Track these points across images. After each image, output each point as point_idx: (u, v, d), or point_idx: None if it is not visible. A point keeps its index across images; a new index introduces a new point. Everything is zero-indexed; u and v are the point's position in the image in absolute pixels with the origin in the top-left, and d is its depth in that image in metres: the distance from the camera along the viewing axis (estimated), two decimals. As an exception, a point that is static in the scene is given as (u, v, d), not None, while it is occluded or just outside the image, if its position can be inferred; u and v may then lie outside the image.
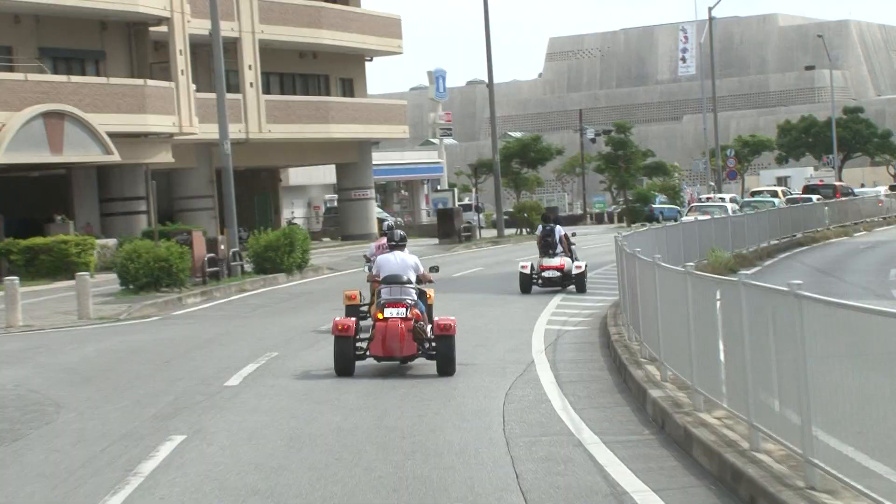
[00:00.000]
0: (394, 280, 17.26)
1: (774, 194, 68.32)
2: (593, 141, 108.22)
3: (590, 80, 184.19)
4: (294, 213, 76.36)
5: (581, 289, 29.72)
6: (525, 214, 63.18)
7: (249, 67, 56.19)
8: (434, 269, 19.15)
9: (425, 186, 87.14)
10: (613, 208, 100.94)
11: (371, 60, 67.17)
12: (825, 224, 52.90)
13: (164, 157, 48.84)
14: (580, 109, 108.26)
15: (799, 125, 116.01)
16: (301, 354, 20.19)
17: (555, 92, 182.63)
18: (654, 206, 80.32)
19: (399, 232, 18.25)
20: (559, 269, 29.78)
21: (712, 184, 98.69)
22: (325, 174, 74.51)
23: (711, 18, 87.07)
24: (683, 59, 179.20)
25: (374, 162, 70.01)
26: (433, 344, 16.88)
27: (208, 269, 35.86)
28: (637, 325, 18.11)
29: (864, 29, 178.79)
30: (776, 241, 44.99)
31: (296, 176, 75.79)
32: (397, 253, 17.80)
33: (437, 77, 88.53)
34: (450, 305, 25.82)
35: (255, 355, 20.10)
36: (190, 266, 33.95)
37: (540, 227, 31.32)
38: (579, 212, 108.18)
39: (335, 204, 71.48)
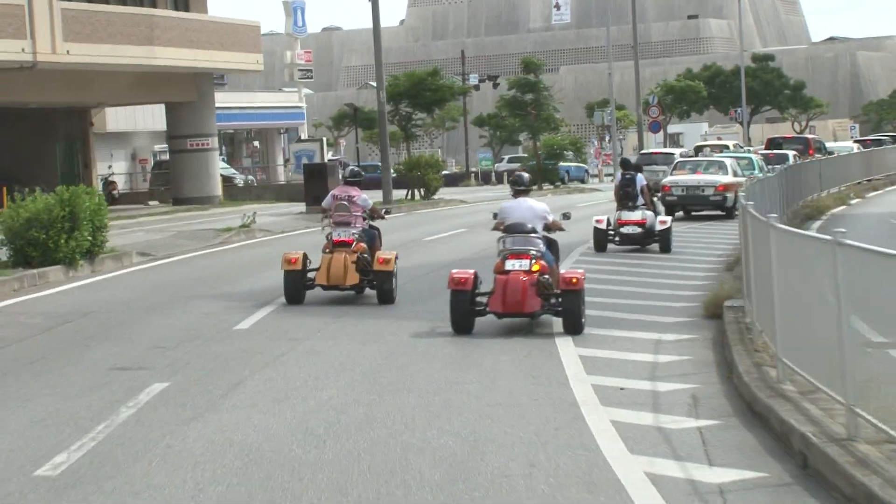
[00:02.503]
0: (518, 229, 16.34)
1: (725, 149, 53.99)
2: (477, 88, 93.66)
3: (456, 27, 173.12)
4: (112, 167, 59.49)
5: (665, 247, 26.93)
6: (419, 173, 47.71)
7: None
8: (566, 215, 17.81)
9: (282, 137, 70.90)
10: (498, 166, 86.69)
11: (213, -34, 50.82)
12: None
13: None
14: (462, 51, 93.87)
15: (702, 74, 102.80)
16: None
17: (419, 40, 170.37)
18: (559, 164, 66.06)
19: (525, 175, 17.26)
20: (640, 224, 26.96)
21: (621, 138, 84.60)
22: (156, 118, 57.85)
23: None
24: (557, 6, 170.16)
25: (217, 104, 53.80)
26: (559, 299, 15.78)
27: None
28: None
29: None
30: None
31: (115, 119, 59.07)
32: (523, 199, 16.71)
33: (294, 8, 73.09)
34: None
35: None
36: None
37: (618, 176, 28.57)
38: (454, 170, 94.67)
39: (168, 157, 54.97)
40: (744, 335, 14.59)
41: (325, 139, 52.22)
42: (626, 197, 27.24)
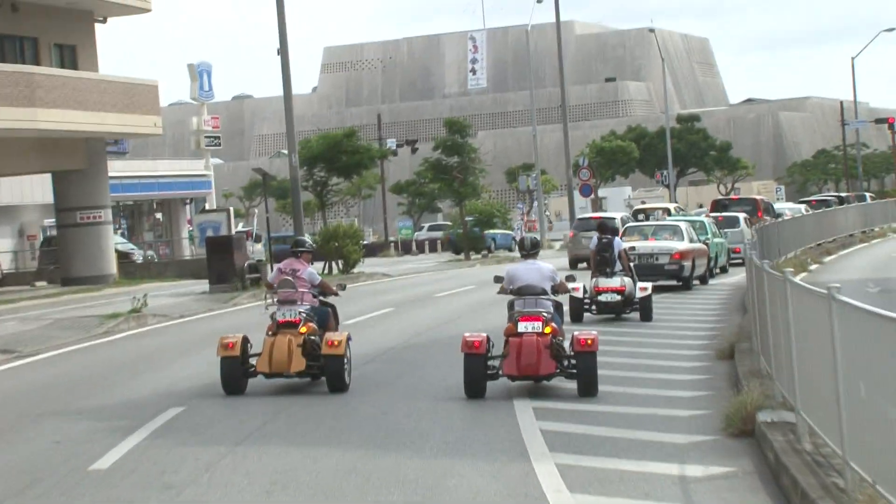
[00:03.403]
0: (529, 291, 16.27)
1: (667, 212, 49.97)
2: (394, 153, 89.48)
3: (371, 93, 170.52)
4: (-4, 245, 54.10)
5: (646, 316, 25.34)
6: (336, 244, 42.99)
7: None
8: (571, 278, 17.48)
9: (188, 208, 65.93)
10: (418, 235, 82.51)
11: (105, 22, 46.15)
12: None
13: None
14: (378, 114, 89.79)
15: (627, 136, 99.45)
16: None
17: (332, 107, 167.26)
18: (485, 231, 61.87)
19: (531, 237, 18.03)
20: (619, 291, 25.27)
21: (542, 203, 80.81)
22: (45, 189, 52.68)
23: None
24: (473, 71, 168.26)
25: (115, 173, 48.81)
26: (573, 361, 15.71)
27: None
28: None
29: (666, 38, 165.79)
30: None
31: (0, 191, 53.68)
32: (531, 261, 16.80)
33: (200, 72, 68.46)
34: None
35: None
36: None
37: (594, 240, 26.78)
38: (373, 240, 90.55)
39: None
40: (815, 472, 10.14)
41: (231, 209, 47.36)
42: (603, 262, 25.62)
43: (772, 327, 14.00)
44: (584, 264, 41.91)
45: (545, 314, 16.01)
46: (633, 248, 29.97)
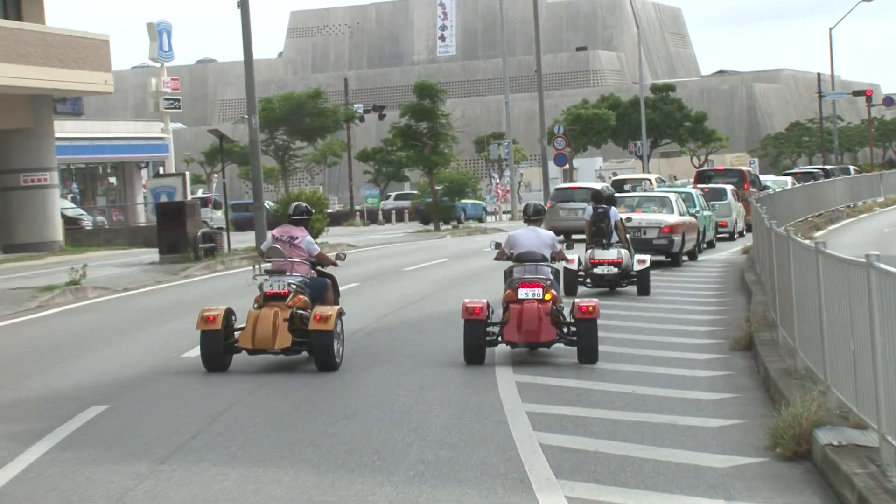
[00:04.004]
0: (529, 258, 16.05)
1: (639, 183, 47.32)
2: (362, 119, 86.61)
3: (338, 59, 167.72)
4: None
5: (644, 290, 23.92)
6: (298, 212, 40.18)
7: None
8: (569, 245, 18.43)
9: (143, 173, 62.87)
10: (385, 204, 79.71)
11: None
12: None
13: None
14: (345, 79, 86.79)
15: (601, 106, 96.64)
16: None
17: (297, 72, 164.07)
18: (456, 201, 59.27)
19: (535, 204, 17.20)
20: (616, 263, 23.94)
21: (521, 172, 78.22)
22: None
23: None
24: (442, 38, 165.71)
25: (64, 134, 45.74)
26: (573, 329, 15.53)
27: None
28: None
29: (638, 8, 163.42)
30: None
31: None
32: (532, 228, 16.54)
33: (160, 31, 65.25)
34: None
35: None
36: None
37: (589, 210, 25.04)
38: (338, 208, 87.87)
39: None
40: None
41: (187, 174, 44.35)
42: (598, 234, 24.31)
43: (825, 321, 11.40)
44: (561, 237, 39.40)
45: (545, 281, 15.76)
46: (629, 219, 27.61)
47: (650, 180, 48.77)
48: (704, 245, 35.75)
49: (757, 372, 14.64)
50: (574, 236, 40.19)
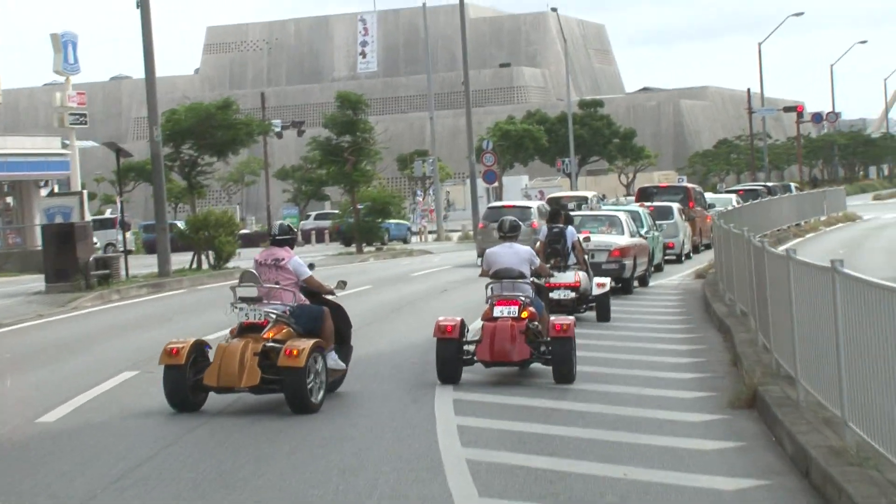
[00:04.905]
0: (505, 275, 15.72)
1: (584, 201, 44.16)
2: (280, 136, 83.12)
3: (256, 75, 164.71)
4: None
5: (604, 315, 22.19)
6: (207, 234, 36.45)
7: None
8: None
9: (43, 192, 58.55)
10: (305, 224, 76.22)
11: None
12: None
13: None
14: (262, 92, 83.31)
15: (527, 122, 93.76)
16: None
17: (214, 89, 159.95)
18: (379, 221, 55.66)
19: (511, 220, 16.42)
20: (573, 287, 21.89)
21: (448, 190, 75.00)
22: None
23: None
24: (363, 54, 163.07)
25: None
26: (549, 347, 15.15)
27: None
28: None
29: (563, 24, 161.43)
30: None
31: None
32: (509, 244, 16.06)
33: (64, 43, 61.38)
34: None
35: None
36: None
37: (543, 230, 23.07)
38: (255, 229, 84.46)
39: None
40: None
41: (85, 192, 40.46)
42: (554, 255, 22.24)
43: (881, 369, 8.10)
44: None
45: (522, 298, 15.48)
46: (587, 240, 24.56)
47: (587, 198, 45.58)
48: (652, 269, 32.58)
49: (777, 443, 11.30)
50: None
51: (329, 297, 14.46)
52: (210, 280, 34.48)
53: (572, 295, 21.81)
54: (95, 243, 47.37)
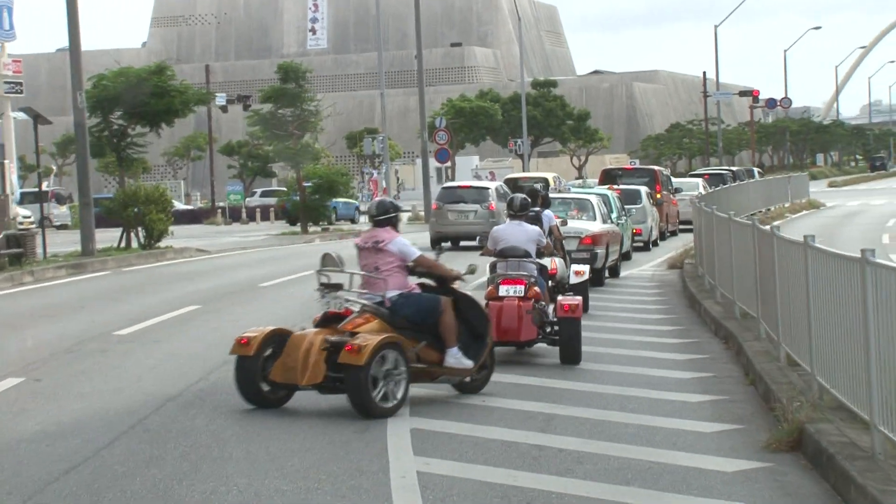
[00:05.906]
0: (512, 253, 15.53)
1: (543, 183, 41.52)
2: (224, 109, 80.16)
3: (204, 50, 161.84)
4: None
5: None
6: (136, 210, 33.54)
7: None
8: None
9: (-30, 164, 55.41)
10: (250, 201, 73.49)
11: None
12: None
13: None
14: (206, 65, 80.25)
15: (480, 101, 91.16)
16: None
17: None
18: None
19: (521, 197, 16.02)
20: (550, 274, 18.19)
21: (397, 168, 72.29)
22: None
23: None
24: (313, 31, 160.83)
25: None
26: (556, 328, 15.04)
27: None
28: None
29: (515, 4, 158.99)
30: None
31: None
32: (517, 222, 15.85)
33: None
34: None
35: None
36: None
37: (548, 214, 19.98)
38: (200, 205, 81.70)
39: None
40: None
41: (6, 162, 37.35)
42: None
43: None
44: (449, 244, 33.48)
45: (529, 278, 15.30)
46: (564, 223, 21.92)
47: (548, 179, 42.95)
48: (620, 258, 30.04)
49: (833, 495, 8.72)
50: (463, 243, 34.51)
51: (455, 283, 12.71)
52: (138, 261, 31.61)
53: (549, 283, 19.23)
54: (29, 217, 44.34)
